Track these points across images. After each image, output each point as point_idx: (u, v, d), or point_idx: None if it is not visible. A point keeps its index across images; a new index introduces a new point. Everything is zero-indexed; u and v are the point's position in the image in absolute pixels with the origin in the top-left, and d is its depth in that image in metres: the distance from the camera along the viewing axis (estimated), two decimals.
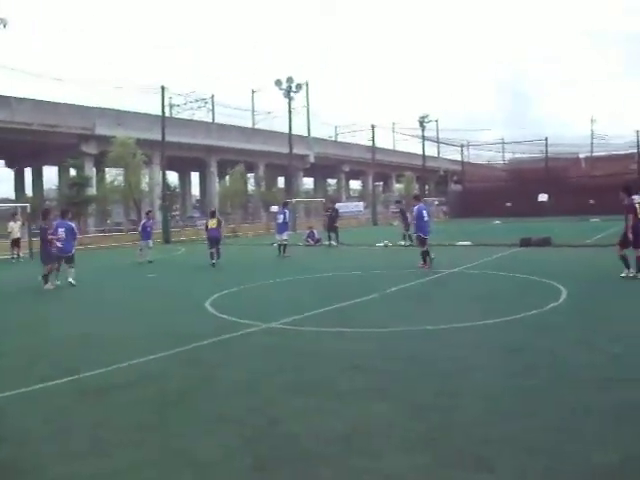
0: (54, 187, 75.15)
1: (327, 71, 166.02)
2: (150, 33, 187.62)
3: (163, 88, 41.88)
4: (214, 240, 22.62)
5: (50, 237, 17.29)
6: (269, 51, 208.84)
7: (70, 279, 17.27)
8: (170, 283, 18.51)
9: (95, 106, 62.79)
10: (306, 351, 8.81)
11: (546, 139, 67.55)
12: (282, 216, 26.73)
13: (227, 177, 66.99)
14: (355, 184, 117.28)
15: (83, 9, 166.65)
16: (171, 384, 7.32)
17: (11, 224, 29.41)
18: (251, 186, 67.57)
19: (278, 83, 48.92)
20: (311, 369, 7.84)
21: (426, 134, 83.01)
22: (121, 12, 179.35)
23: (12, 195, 72.49)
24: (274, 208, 39.73)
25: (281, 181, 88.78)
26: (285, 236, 25.94)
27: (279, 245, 25.87)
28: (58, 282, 17.42)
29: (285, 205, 29.26)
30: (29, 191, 70.56)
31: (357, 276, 18.08)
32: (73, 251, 17.73)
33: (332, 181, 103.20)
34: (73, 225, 18.41)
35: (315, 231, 32.54)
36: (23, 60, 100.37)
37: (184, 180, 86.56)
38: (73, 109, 60.81)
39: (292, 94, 49.76)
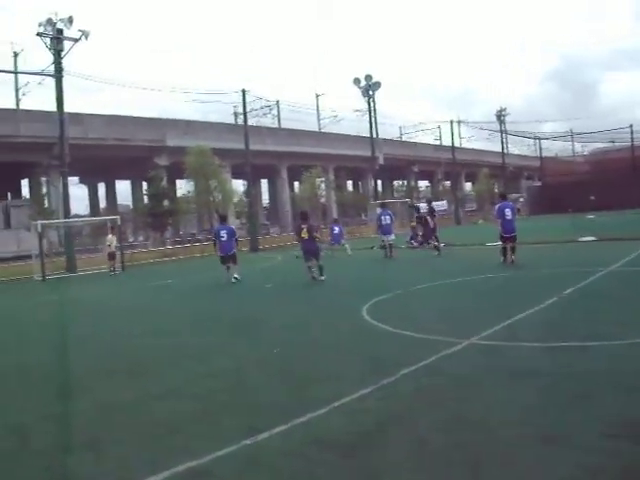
0: (124, 203, 75.07)
1: (387, 70, 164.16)
2: (213, 42, 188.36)
3: (244, 92, 40.61)
4: (310, 252, 18.64)
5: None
6: (329, 53, 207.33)
7: (235, 275, 19.59)
8: (302, 295, 16.69)
9: (165, 117, 62.40)
10: (557, 373, 6.85)
11: (631, 126, 64.13)
12: (388, 217, 26.35)
13: (299, 182, 65.65)
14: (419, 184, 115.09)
15: (148, 17, 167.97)
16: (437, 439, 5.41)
17: (110, 237, 29.55)
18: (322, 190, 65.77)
19: (356, 81, 47.18)
20: (598, 398, 5.93)
21: (491, 129, 79.92)
22: (181, 21, 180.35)
23: (86, 210, 72.68)
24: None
25: (349, 184, 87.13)
26: (392, 237, 25.75)
27: (383, 246, 25.79)
28: (233, 280, 19.45)
29: (385, 206, 28.40)
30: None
31: (506, 279, 16.05)
32: (234, 250, 19.91)
33: (397, 182, 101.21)
34: (233, 227, 21.21)
35: (419, 232, 30.65)
36: (97, 71, 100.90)
37: (254, 187, 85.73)
38: (144, 122, 60.59)
39: (370, 92, 47.83)
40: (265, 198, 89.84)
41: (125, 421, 6.33)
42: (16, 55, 68.59)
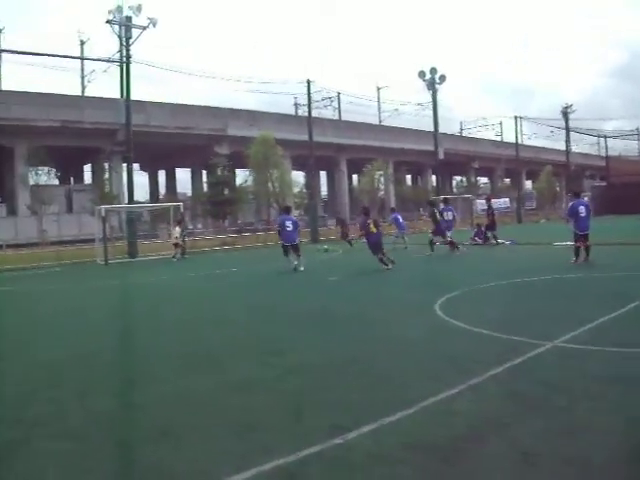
0: (181, 191, 75.59)
1: (448, 63, 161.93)
2: (271, 34, 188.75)
3: (309, 82, 40.30)
4: (378, 245, 19.58)
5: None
6: (390, 45, 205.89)
7: (298, 265, 20.09)
8: (368, 288, 16.13)
9: (227, 107, 62.66)
10: None
11: None
12: (450, 213, 26.77)
13: (357, 175, 65.17)
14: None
15: (211, 7, 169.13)
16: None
17: (176, 229, 30.29)
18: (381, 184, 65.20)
19: (421, 74, 46.50)
20: None
21: (554, 126, 78.07)
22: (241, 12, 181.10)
23: (145, 197, 73.43)
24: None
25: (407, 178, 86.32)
26: (451, 233, 25.84)
27: (444, 243, 25.61)
28: (301, 269, 19.98)
29: (447, 202, 27.82)
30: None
31: (581, 280, 15.33)
32: (297, 241, 20.72)
33: (456, 178, 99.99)
34: (295, 219, 21.98)
35: (483, 228, 30.04)
36: (162, 60, 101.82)
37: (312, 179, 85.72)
38: (206, 111, 61.03)
39: (435, 85, 47.04)
40: (323, 190, 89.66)
41: (203, 413, 6.05)
42: (82, 43, 69.74)
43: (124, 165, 59.56)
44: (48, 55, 40.38)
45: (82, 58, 59.53)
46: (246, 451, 4.96)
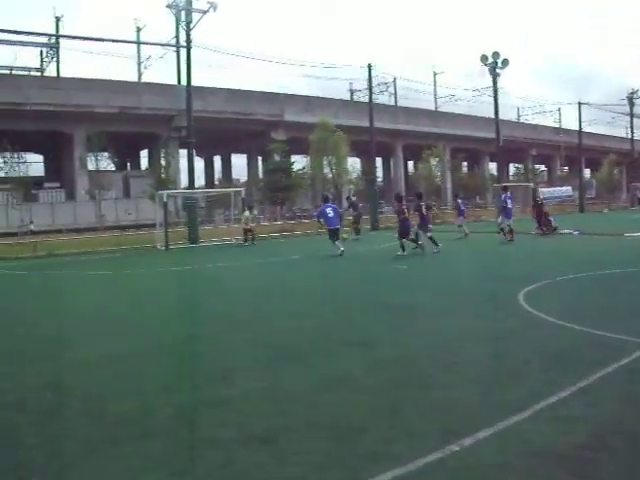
0: (236, 177, 75.71)
1: (504, 48, 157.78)
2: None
3: (370, 67, 39.81)
4: (404, 231, 21.28)
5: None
6: (443, 31, 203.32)
7: (341, 247, 21.41)
8: (444, 278, 15.61)
9: (284, 93, 62.50)
10: None
11: None
12: (510, 201, 26.44)
13: (413, 162, 64.31)
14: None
15: None
16: None
17: (247, 213, 30.28)
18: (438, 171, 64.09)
19: (483, 59, 45.39)
20: None
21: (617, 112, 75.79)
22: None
23: (200, 183, 73.64)
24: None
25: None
26: (512, 221, 25.51)
27: (502, 230, 25.48)
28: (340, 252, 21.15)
29: (507, 190, 27.22)
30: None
31: None
32: (338, 226, 22.48)
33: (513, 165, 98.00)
34: (335, 206, 24.04)
35: (551, 218, 29.24)
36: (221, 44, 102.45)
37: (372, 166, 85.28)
38: (263, 97, 61.05)
39: (497, 71, 45.93)
40: (378, 177, 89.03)
41: (295, 413, 5.63)
42: (139, 30, 70.08)
43: (180, 151, 60.01)
44: (107, 40, 40.04)
45: (143, 43, 59.75)
46: (353, 457, 4.56)
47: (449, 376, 6.68)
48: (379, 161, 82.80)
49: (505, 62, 45.81)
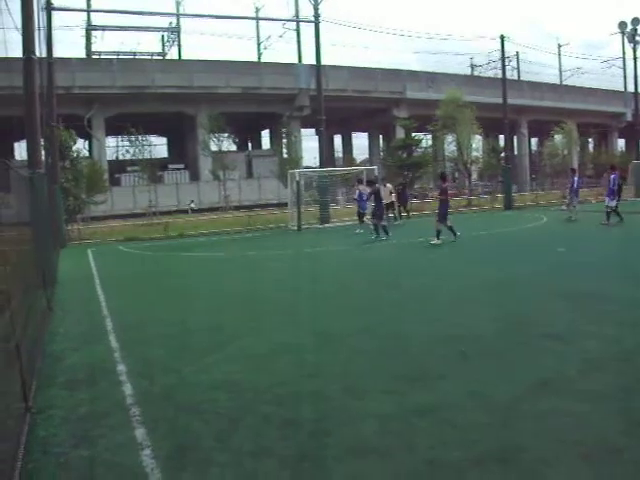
0: (356, 156, 75.09)
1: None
2: None
3: (503, 38, 38.17)
4: (443, 215, 18.67)
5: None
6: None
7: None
8: (601, 261, 14.10)
9: (406, 69, 61.47)
10: None
11: None
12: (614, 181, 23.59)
13: (538, 139, 61.76)
14: None
15: None
16: None
17: (388, 186, 27.72)
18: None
19: (622, 26, 42.87)
20: None
21: None
22: None
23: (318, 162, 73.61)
24: None
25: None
26: (614, 202, 22.87)
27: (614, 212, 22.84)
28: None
29: (614, 169, 24.77)
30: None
31: None
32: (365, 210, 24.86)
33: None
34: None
35: None
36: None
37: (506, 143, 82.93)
38: (385, 74, 60.24)
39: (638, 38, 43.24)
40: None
41: (525, 427, 4.78)
42: (257, 11, 70.30)
43: (302, 130, 59.92)
44: (229, 18, 39.95)
45: (267, 19, 59.92)
46: None
47: None
48: (501, 138, 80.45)
49: None
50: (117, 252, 22.69)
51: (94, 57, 61.97)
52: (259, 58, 69.68)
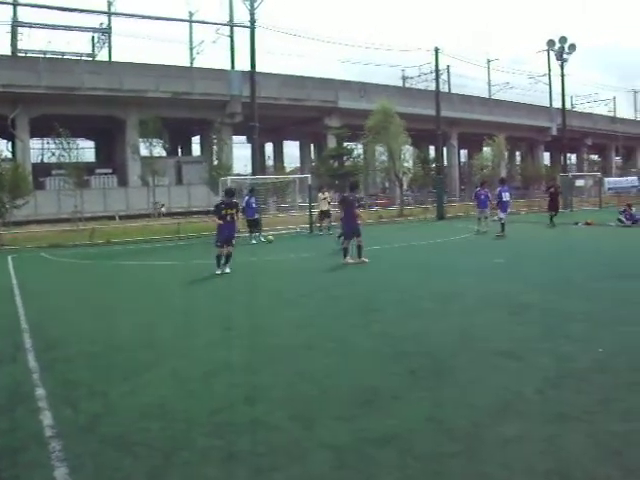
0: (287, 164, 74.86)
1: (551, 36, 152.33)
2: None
3: (437, 50, 38.51)
4: None
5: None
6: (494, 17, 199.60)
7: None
8: (541, 271, 14.08)
9: (338, 79, 61.68)
10: None
11: None
12: (508, 194, 25.10)
13: (466, 150, 62.65)
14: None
15: None
16: None
17: (326, 194, 28.82)
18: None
19: (551, 44, 43.71)
20: None
21: None
22: None
23: (249, 170, 73.11)
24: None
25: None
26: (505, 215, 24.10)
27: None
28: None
29: (503, 183, 26.01)
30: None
31: None
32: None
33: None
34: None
35: (634, 209, 27.80)
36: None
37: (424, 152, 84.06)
38: (317, 82, 60.43)
39: (565, 56, 44.06)
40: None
41: (497, 460, 4.36)
42: (191, 15, 69.38)
43: (234, 137, 59.21)
44: (162, 19, 38.84)
45: (201, 22, 58.78)
46: None
47: None
48: (432, 150, 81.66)
49: (572, 47, 43.92)
50: (40, 260, 21.63)
51: (20, 55, 59.93)
52: (191, 63, 68.68)
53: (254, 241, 24.51)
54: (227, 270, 15.09)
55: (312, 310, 10.44)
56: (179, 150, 72.53)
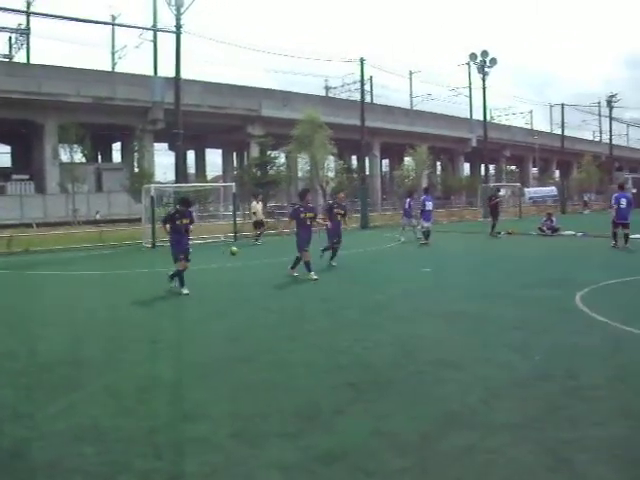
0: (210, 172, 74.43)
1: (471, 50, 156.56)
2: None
3: (362, 61, 38.88)
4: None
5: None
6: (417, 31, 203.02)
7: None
8: (470, 280, 14.38)
9: (261, 87, 61.76)
10: None
11: None
12: (430, 203, 25.31)
13: (389, 160, 63.40)
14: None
15: None
16: None
17: (254, 204, 28.48)
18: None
19: (473, 57, 44.90)
20: None
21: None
22: None
23: (172, 178, 72.33)
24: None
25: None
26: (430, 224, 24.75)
27: (423, 233, 24.37)
28: None
29: (427, 191, 27.04)
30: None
31: None
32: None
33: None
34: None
35: (554, 218, 28.69)
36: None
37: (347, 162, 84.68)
38: (240, 90, 60.21)
39: (486, 69, 45.34)
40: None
41: (452, 474, 4.35)
42: (114, 19, 68.20)
43: (155, 144, 58.37)
44: (84, 21, 37.71)
45: (125, 25, 57.23)
46: None
47: None
48: (354, 159, 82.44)
49: (493, 61, 45.27)
50: None
51: None
52: (113, 68, 67.51)
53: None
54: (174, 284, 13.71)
55: (244, 321, 10.34)
56: (99, 156, 71.09)
